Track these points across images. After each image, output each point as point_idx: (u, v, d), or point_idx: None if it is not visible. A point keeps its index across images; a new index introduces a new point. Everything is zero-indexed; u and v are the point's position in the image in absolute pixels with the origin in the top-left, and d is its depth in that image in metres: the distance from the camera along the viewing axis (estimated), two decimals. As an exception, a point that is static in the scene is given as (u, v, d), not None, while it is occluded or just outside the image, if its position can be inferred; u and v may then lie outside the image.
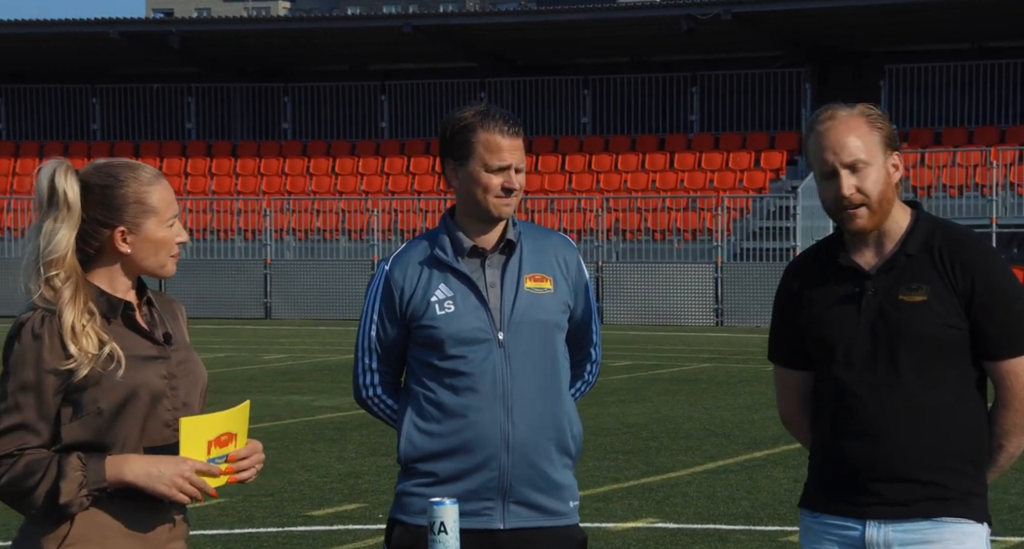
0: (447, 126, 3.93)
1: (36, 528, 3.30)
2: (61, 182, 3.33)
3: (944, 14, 29.93)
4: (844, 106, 3.57)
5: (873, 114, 3.56)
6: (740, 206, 29.67)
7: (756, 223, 29.37)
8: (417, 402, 3.92)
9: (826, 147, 3.53)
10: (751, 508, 9.41)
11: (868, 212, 3.52)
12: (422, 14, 33.88)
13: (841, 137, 3.51)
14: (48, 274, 3.30)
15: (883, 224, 3.55)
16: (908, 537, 3.49)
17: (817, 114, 3.58)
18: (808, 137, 3.58)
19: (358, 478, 10.53)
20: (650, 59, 33.71)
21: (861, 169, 3.51)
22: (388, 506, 10.22)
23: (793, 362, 3.68)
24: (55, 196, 3.33)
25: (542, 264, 3.93)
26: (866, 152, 3.51)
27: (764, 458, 11.52)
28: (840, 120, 3.52)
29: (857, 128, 3.52)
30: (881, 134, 3.55)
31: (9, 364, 3.29)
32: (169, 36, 33.12)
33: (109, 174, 3.38)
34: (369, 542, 8.41)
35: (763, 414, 14.27)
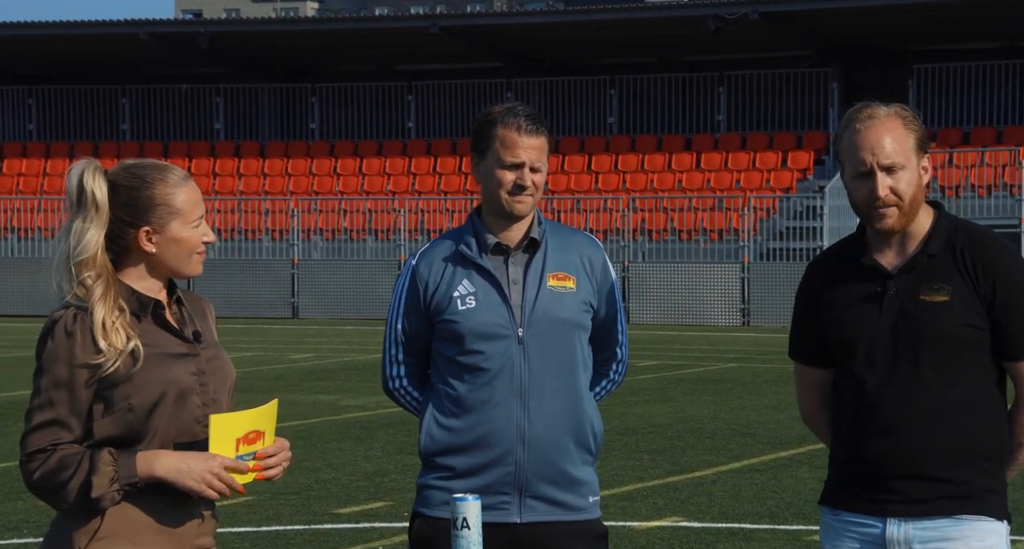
0: (477, 122, 4.00)
1: (68, 522, 3.35)
2: (90, 182, 3.39)
3: (972, 13, 29.83)
4: (882, 105, 3.58)
5: (908, 116, 3.59)
6: (767, 206, 29.64)
7: (783, 223, 29.33)
8: (438, 397, 3.97)
9: (863, 146, 3.54)
10: (776, 507, 9.43)
11: (899, 213, 3.54)
12: (449, 14, 33.95)
13: (880, 137, 3.53)
14: (79, 273, 3.36)
15: (908, 225, 3.57)
16: (928, 534, 3.51)
17: (855, 111, 3.58)
18: (844, 133, 3.58)
19: (384, 476, 10.58)
20: (677, 59, 33.69)
21: (897, 171, 3.53)
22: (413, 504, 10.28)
23: (814, 360, 3.70)
24: (84, 196, 3.38)
25: (566, 263, 3.97)
26: (902, 154, 3.54)
27: (789, 457, 11.52)
28: (879, 120, 3.54)
29: (894, 129, 3.54)
30: (915, 136, 3.57)
31: (43, 361, 3.35)
32: (198, 37, 33.27)
33: (136, 175, 3.43)
34: (395, 540, 8.45)
35: (788, 414, 14.26)
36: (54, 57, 35.00)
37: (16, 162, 35.20)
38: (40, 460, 3.32)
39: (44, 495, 3.34)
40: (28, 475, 3.34)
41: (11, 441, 12.48)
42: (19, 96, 36.09)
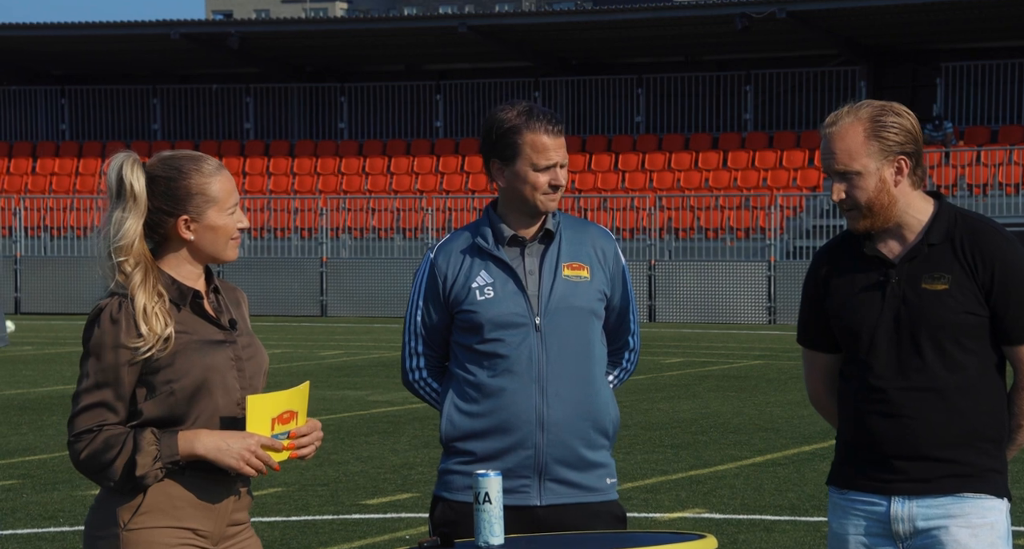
0: (491, 128, 4.10)
1: (112, 499, 3.52)
2: (128, 174, 3.55)
3: (1000, 11, 29.81)
4: (852, 110, 3.69)
5: (881, 121, 3.66)
6: (793, 204, 29.69)
7: (809, 221, 29.38)
8: (458, 384, 4.10)
9: (823, 152, 3.72)
10: (797, 500, 9.54)
11: (860, 215, 3.67)
12: (477, 14, 34.09)
13: (833, 145, 3.68)
14: (119, 260, 3.52)
15: (885, 223, 3.68)
16: (931, 512, 3.64)
17: (829, 117, 3.73)
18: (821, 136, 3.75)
19: (411, 469, 10.73)
20: (704, 58, 33.77)
21: (851, 177, 3.66)
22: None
23: (820, 345, 3.83)
24: (123, 187, 3.54)
25: (579, 254, 4.11)
26: (857, 161, 3.66)
27: (812, 452, 11.63)
28: (838, 127, 3.68)
29: (853, 137, 3.66)
30: (882, 142, 3.66)
31: (89, 346, 3.52)
32: (228, 37, 33.50)
33: (173, 166, 3.59)
34: (422, 529, 8.60)
35: (811, 410, 14.32)
36: (86, 57, 35.30)
37: (49, 161, 35.52)
38: (87, 440, 3.49)
39: (91, 473, 3.51)
40: (76, 454, 3.51)
41: (46, 434, 12.68)
42: (52, 96, 36.42)
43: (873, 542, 3.70)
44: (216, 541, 3.57)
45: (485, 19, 33.95)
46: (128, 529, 3.49)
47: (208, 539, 3.55)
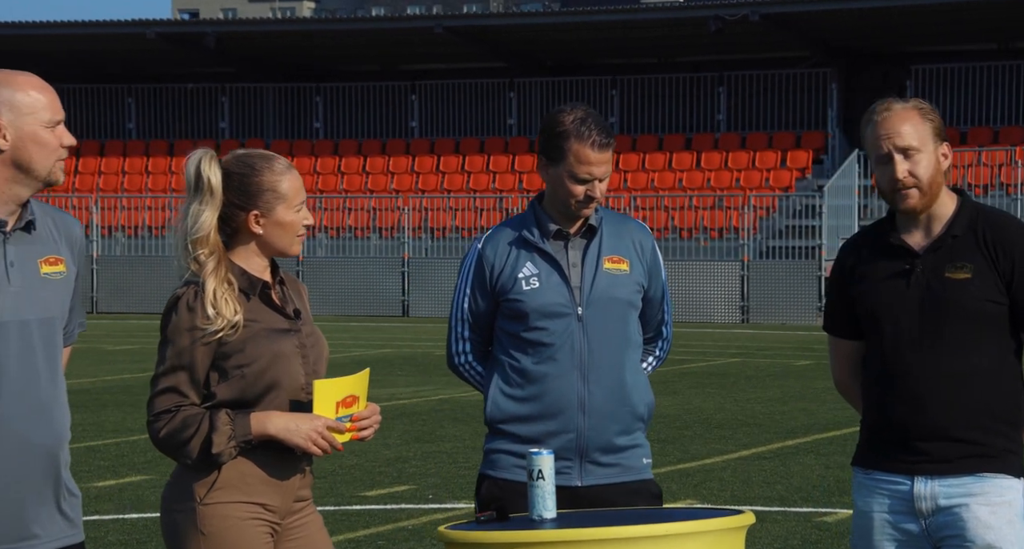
0: (548, 125, 4.29)
1: (188, 475, 3.73)
2: (206, 169, 3.75)
3: (969, 15, 30.19)
4: (899, 100, 3.94)
5: (925, 108, 3.93)
6: (766, 205, 30.00)
7: (782, 221, 29.69)
8: (502, 369, 4.32)
9: (882, 134, 3.90)
10: (785, 491, 9.78)
11: (919, 193, 3.88)
12: (453, 15, 34.28)
13: (896, 125, 3.88)
14: (194, 250, 3.72)
15: (931, 207, 3.91)
16: (952, 491, 3.86)
17: (874, 106, 3.95)
18: (866, 128, 3.94)
19: (404, 463, 10.93)
20: (678, 59, 34.05)
21: (913, 155, 3.87)
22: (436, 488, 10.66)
23: (846, 332, 4.04)
24: (200, 182, 3.74)
25: (620, 247, 4.33)
26: (918, 140, 3.88)
27: (796, 446, 11.87)
28: (895, 111, 3.90)
29: (911, 118, 3.89)
30: (932, 125, 3.91)
31: (167, 332, 3.72)
32: (204, 37, 33.57)
33: (247, 163, 3.79)
34: (423, 520, 8.81)
35: (793, 406, 14.62)
36: (61, 56, 35.29)
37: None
38: (165, 420, 3.69)
39: (169, 450, 3.71)
40: (155, 433, 3.71)
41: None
42: (25, 94, 36.37)
43: (897, 519, 3.91)
44: (283, 515, 3.78)
45: (460, 20, 34.16)
46: (204, 503, 3.69)
47: (276, 513, 3.76)
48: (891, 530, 3.92)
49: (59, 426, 3.47)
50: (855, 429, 14.34)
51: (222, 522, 3.68)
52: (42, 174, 3.46)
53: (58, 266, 3.48)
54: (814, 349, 22.13)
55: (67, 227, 3.57)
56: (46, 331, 3.45)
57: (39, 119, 3.44)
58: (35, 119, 3.43)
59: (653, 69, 33.87)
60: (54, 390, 3.46)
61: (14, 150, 3.42)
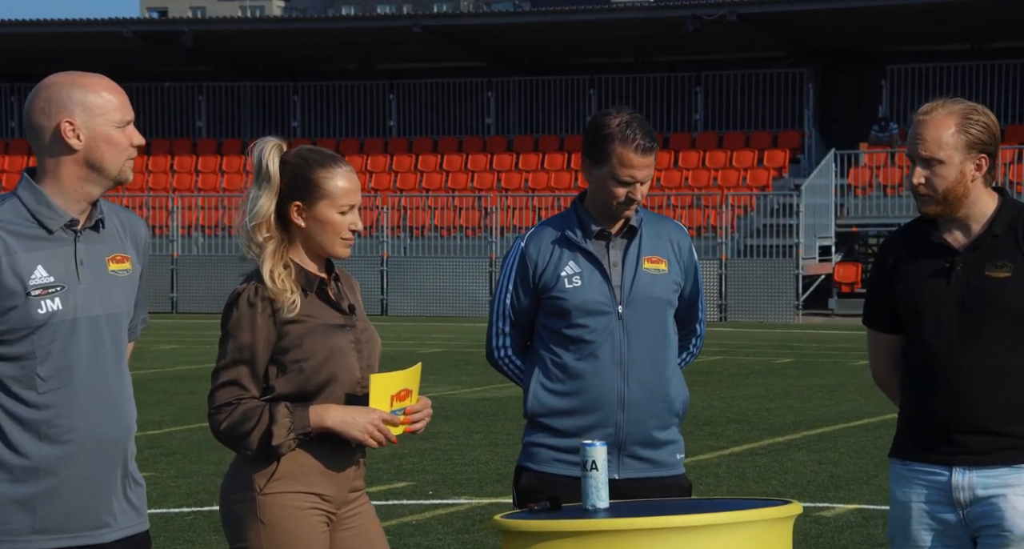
0: (594, 127, 4.40)
1: (248, 466, 3.81)
2: (266, 157, 3.85)
3: (944, 15, 30.44)
4: (948, 103, 3.99)
5: (972, 117, 3.97)
6: (744, 204, 30.16)
7: (760, 220, 29.86)
8: (544, 364, 4.41)
9: (912, 138, 3.99)
10: (781, 487, 9.89)
11: (933, 202, 3.98)
12: (432, 14, 34.34)
13: (926, 132, 3.96)
14: (254, 234, 3.82)
15: (953, 212, 3.99)
16: (989, 482, 3.96)
17: (925, 104, 4.03)
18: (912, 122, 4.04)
19: (401, 460, 11.00)
20: (656, 59, 34.21)
21: (933, 165, 3.96)
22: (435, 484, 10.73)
23: (885, 326, 4.14)
24: (261, 169, 3.84)
25: (658, 247, 4.43)
26: (943, 151, 3.95)
27: (787, 443, 12.00)
28: (934, 117, 3.97)
29: (946, 127, 3.95)
30: (968, 137, 3.96)
31: (228, 327, 3.80)
32: (181, 36, 33.54)
33: (303, 156, 3.88)
34: (425, 515, 8.89)
35: (779, 403, 14.76)
36: (37, 55, 35.17)
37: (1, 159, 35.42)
38: (226, 412, 3.77)
39: (230, 442, 3.79)
40: (216, 425, 3.79)
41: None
42: (2, 94, 36.28)
43: (934, 509, 4.01)
44: (339, 506, 3.87)
45: (439, 19, 34.23)
46: (264, 493, 3.77)
47: (332, 503, 3.85)
48: (929, 520, 4.01)
49: (127, 418, 3.55)
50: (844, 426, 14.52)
51: (281, 511, 3.76)
52: (113, 173, 3.53)
53: (124, 264, 3.56)
54: (794, 347, 22.30)
55: (132, 226, 3.65)
56: (113, 327, 3.53)
57: (111, 120, 3.52)
58: (107, 120, 3.51)
59: (631, 69, 34.01)
60: (121, 384, 3.54)
61: (87, 150, 3.50)
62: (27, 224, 3.45)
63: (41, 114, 3.51)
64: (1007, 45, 31.79)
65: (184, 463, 10.72)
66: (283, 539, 3.76)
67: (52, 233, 3.47)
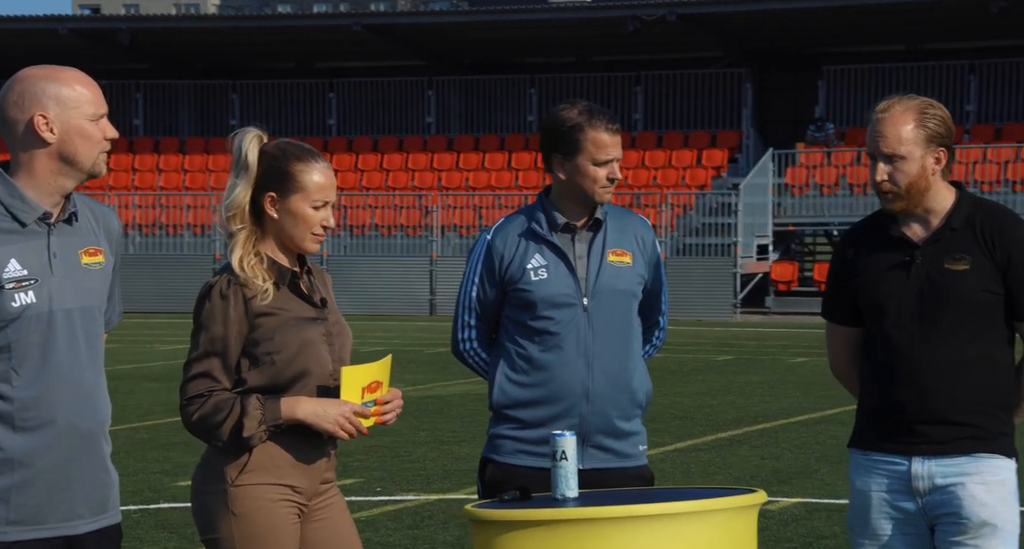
0: (554, 125, 4.46)
1: (220, 458, 3.83)
2: (245, 146, 3.88)
3: (878, 17, 30.79)
4: (904, 99, 4.07)
5: (928, 111, 4.05)
6: (683, 203, 30.35)
7: (699, 219, 30.06)
8: (509, 356, 4.46)
9: (872, 135, 4.07)
10: (726, 481, 9.99)
11: (895, 197, 4.05)
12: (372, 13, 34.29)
13: (886, 129, 4.04)
14: (229, 224, 3.85)
15: (921, 205, 4.07)
16: (949, 470, 4.04)
17: (881, 102, 4.09)
18: (870, 121, 4.10)
19: (348, 457, 10.99)
20: (595, 58, 34.35)
21: (896, 161, 4.03)
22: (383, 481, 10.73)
23: (845, 319, 4.20)
24: (240, 157, 3.86)
25: (623, 241, 4.50)
26: (904, 147, 4.02)
27: (730, 438, 12.11)
28: (893, 113, 4.04)
29: (904, 124, 4.03)
30: (926, 131, 4.04)
31: (201, 319, 3.82)
32: (118, 33, 33.31)
33: (281, 149, 3.92)
34: (374, 512, 8.91)
35: (721, 399, 14.89)
36: (-30, 52, 34.85)
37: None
38: (198, 404, 3.80)
39: (201, 434, 3.81)
40: (188, 417, 3.81)
41: None
42: (-67, 90, 35.86)
43: (895, 498, 4.08)
44: (310, 497, 3.89)
45: (379, 18, 34.20)
46: (235, 485, 3.80)
47: (303, 495, 3.87)
48: (889, 509, 4.08)
49: (101, 411, 3.57)
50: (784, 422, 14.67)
51: (253, 503, 3.78)
52: (87, 166, 3.55)
53: (97, 257, 3.57)
54: (732, 344, 22.48)
55: (105, 219, 3.66)
56: (87, 320, 3.53)
57: (84, 113, 3.53)
58: (80, 113, 3.53)
59: (571, 68, 34.13)
60: (96, 377, 3.56)
61: (60, 143, 3.51)
62: (0, 217, 3.46)
63: (14, 107, 3.52)
64: (940, 46, 32.20)
65: (128, 461, 10.67)
66: (255, 531, 3.78)
67: (25, 226, 3.48)
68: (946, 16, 30.36)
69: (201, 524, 3.87)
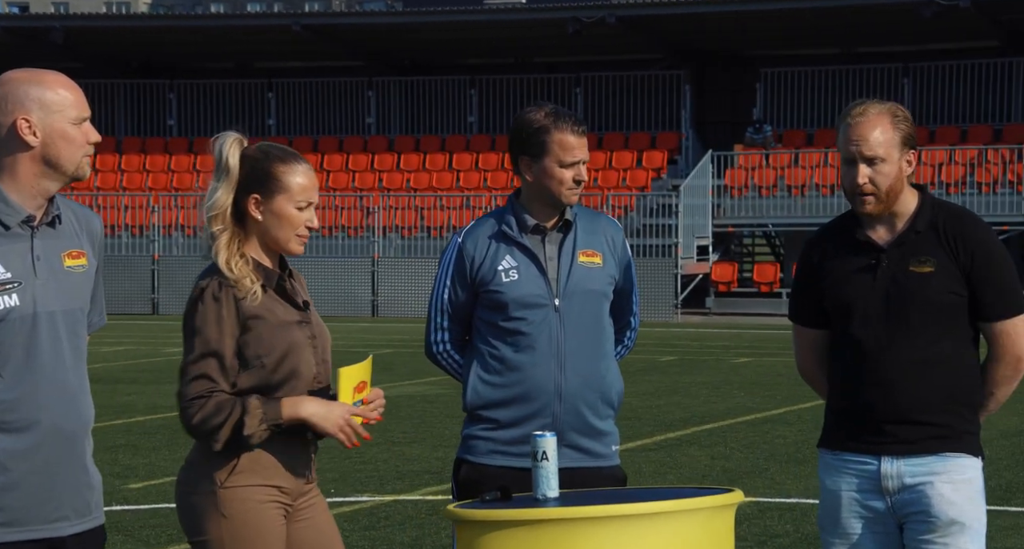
0: (521, 127, 4.51)
1: (207, 460, 3.84)
2: (226, 151, 3.89)
3: (815, 20, 31.08)
4: (877, 103, 4.13)
5: (899, 114, 4.13)
6: (624, 204, 30.48)
7: (639, 220, 30.19)
8: (482, 357, 4.48)
9: (851, 139, 4.11)
10: (677, 480, 10.06)
11: (876, 200, 4.11)
12: (312, 13, 34.18)
13: (865, 132, 4.10)
14: (211, 225, 3.86)
15: (887, 210, 4.13)
16: (917, 469, 4.10)
17: (852, 106, 4.15)
18: (840, 125, 4.15)
19: (298, 459, 11.00)
20: (535, 60, 34.43)
21: (877, 163, 4.10)
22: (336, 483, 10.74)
23: (811, 322, 4.27)
24: (221, 162, 3.88)
25: (593, 242, 4.53)
26: (884, 149, 4.09)
27: (678, 438, 12.19)
28: (869, 117, 4.10)
29: (881, 125, 4.09)
30: (902, 133, 4.12)
31: (195, 323, 3.83)
32: (52, 31, 33.01)
33: (264, 151, 3.94)
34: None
35: (667, 400, 14.97)
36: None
37: None
38: (198, 406, 3.80)
39: (202, 435, 3.82)
40: (188, 419, 3.81)
41: None
42: None
43: (864, 497, 4.14)
44: (295, 497, 3.93)
45: (318, 18, 34.10)
46: (224, 487, 3.82)
47: (289, 495, 3.91)
48: (858, 508, 4.14)
49: (85, 413, 3.57)
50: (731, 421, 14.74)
51: (242, 505, 3.81)
52: (70, 169, 3.55)
53: (80, 259, 3.58)
54: (675, 345, 22.60)
55: (88, 222, 3.67)
56: (71, 322, 3.54)
57: (67, 117, 3.54)
58: (63, 116, 3.53)
59: (511, 69, 34.18)
60: (80, 378, 3.56)
61: (43, 147, 3.52)
62: None
63: None
64: (873, 50, 32.54)
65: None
66: (244, 532, 3.81)
67: (9, 229, 3.49)
68: (879, 20, 30.70)
69: (189, 526, 3.89)
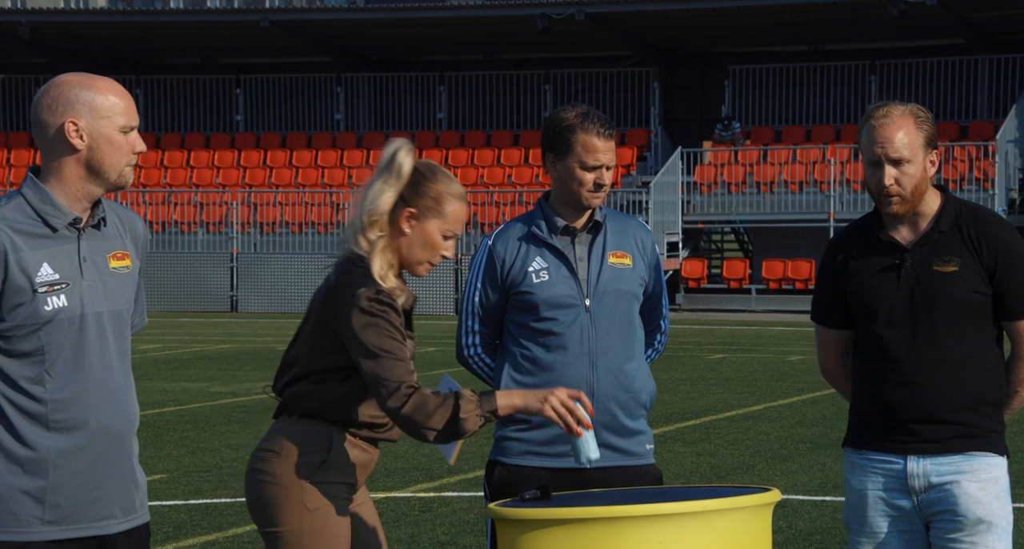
0: (551, 124, 4.53)
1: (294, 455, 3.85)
2: (402, 156, 3.88)
3: (783, 18, 31.21)
4: (899, 104, 4.17)
5: (921, 116, 4.17)
6: (592, 200, 30.50)
7: (608, 217, 30.23)
8: (514, 358, 4.51)
9: (876, 140, 4.14)
10: (668, 478, 10.12)
11: (901, 201, 4.15)
12: (280, 9, 34.04)
13: (890, 133, 4.13)
14: (368, 228, 3.85)
15: (912, 210, 4.17)
16: (943, 469, 4.15)
17: (874, 108, 4.18)
18: (863, 127, 4.18)
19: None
20: (505, 56, 34.45)
21: (903, 164, 4.14)
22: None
23: (834, 322, 4.31)
24: (393, 164, 3.87)
25: (623, 243, 4.57)
26: (909, 150, 4.13)
27: (662, 434, 12.24)
28: (892, 118, 4.14)
29: (906, 127, 4.13)
30: (925, 134, 4.16)
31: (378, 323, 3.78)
32: (18, 26, 32.80)
33: (432, 169, 3.94)
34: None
35: (646, 396, 15.04)
36: None
37: None
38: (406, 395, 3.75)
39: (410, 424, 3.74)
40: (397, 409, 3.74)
41: None
42: None
43: (891, 496, 4.19)
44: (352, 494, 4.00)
45: (287, 14, 33.95)
46: (315, 481, 3.86)
47: (353, 490, 3.98)
48: (884, 507, 4.19)
49: (131, 413, 3.61)
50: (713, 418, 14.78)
51: (328, 500, 3.86)
52: (112, 176, 3.58)
53: (125, 261, 3.61)
54: (647, 341, 22.67)
55: (131, 223, 3.70)
56: (117, 323, 3.58)
57: (115, 123, 3.56)
58: (111, 123, 3.55)
59: (481, 66, 34.19)
60: (126, 379, 3.60)
61: (89, 151, 3.54)
62: (32, 222, 3.50)
63: (47, 111, 3.55)
64: (840, 47, 32.71)
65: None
66: (325, 527, 3.85)
67: (56, 231, 3.52)
68: (846, 17, 30.85)
69: (263, 516, 3.89)
